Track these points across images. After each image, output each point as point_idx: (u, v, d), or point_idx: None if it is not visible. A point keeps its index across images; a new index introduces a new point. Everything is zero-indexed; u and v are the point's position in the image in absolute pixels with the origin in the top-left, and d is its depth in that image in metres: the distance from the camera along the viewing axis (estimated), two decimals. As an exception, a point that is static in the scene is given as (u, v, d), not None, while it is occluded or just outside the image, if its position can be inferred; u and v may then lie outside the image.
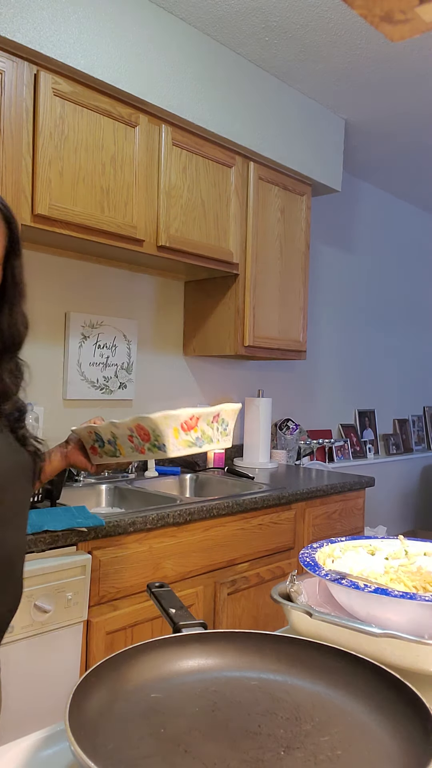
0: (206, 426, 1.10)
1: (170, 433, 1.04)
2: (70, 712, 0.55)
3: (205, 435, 1.10)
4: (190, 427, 1.07)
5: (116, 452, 1.14)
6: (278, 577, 2.26)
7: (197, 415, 1.08)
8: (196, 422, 1.07)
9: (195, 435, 1.07)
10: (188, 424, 1.07)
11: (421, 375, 4.55)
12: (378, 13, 0.59)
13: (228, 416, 1.15)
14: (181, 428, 1.06)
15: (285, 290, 2.75)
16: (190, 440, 1.07)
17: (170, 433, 1.04)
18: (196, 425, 1.07)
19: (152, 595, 0.82)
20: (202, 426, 1.09)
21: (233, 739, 0.56)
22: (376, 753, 0.55)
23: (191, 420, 1.07)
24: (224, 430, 1.14)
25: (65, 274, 2.33)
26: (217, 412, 1.11)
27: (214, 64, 2.35)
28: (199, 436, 1.08)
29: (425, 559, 0.96)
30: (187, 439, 1.06)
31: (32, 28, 1.79)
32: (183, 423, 1.06)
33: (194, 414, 1.07)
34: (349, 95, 2.76)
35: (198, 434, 1.08)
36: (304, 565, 0.86)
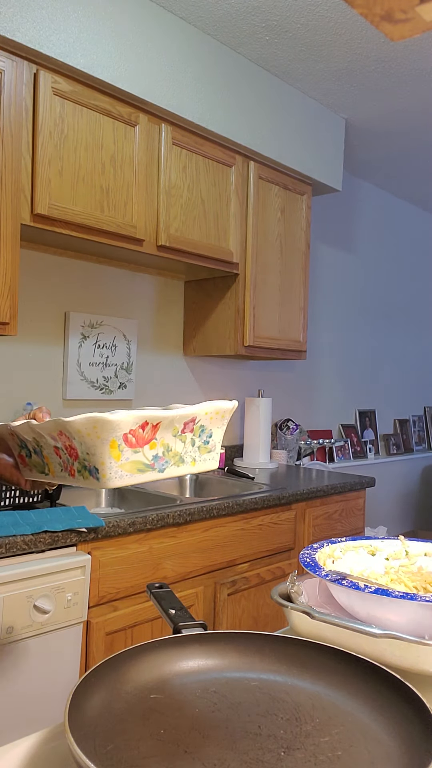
0: (172, 438, 0.72)
1: (105, 450, 0.68)
2: (69, 713, 0.54)
3: (171, 452, 0.73)
4: (142, 441, 0.70)
5: (44, 468, 0.80)
6: (278, 577, 2.26)
7: (154, 420, 0.70)
8: (152, 432, 0.70)
9: (152, 453, 0.71)
10: (137, 435, 0.69)
11: (422, 375, 4.54)
12: (378, 13, 0.59)
13: (212, 422, 0.76)
14: (124, 442, 0.69)
15: (285, 290, 2.75)
16: (142, 461, 0.70)
17: (105, 451, 0.68)
18: (153, 437, 0.70)
19: (152, 595, 0.81)
20: (164, 438, 0.72)
21: (233, 740, 0.56)
22: (376, 753, 0.55)
23: (143, 429, 0.69)
24: (204, 444, 0.76)
25: (65, 274, 2.33)
26: (191, 416, 0.73)
27: (214, 64, 2.35)
28: (159, 455, 0.72)
29: (426, 560, 0.96)
30: (138, 459, 0.70)
31: (32, 27, 1.79)
32: (128, 434, 0.69)
33: (148, 418, 0.69)
34: (349, 95, 2.76)
35: (157, 451, 0.71)
36: (304, 566, 0.86)
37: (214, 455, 0.78)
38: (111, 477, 0.69)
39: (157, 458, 0.72)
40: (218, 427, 0.78)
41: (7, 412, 2.17)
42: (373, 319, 4.03)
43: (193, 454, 0.76)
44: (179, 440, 0.74)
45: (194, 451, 0.76)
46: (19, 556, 1.53)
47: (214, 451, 0.78)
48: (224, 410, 0.77)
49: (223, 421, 0.78)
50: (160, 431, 0.71)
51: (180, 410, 0.72)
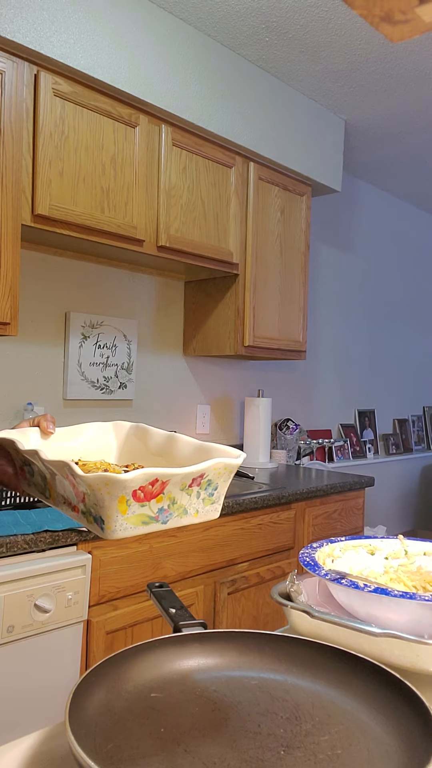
0: (179, 492, 0.72)
1: (113, 505, 0.68)
2: (70, 712, 0.55)
3: (176, 505, 0.73)
4: (150, 496, 0.70)
5: (45, 491, 0.81)
6: (278, 576, 2.26)
7: (165, 477, 0.69)
8: (161, 487, 0.70)
9: (157, 507, 0.71)
10: (146, 491, 0.69)
11: (421, 375, 4.55)
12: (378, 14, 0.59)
13: (219, 476, 0.75)
14: (133, 497, 0.69)
15: (285, 290, 2.75)
16: (147, 514, 0.71)
17: (113, 506, 0.68)
18: (161, 491, 0.70)
19: (152, 594, 0.82)
20: (171, 492, 0.71)
21: (233, 739, 0.56)
22: (375, 752, 0.55)
23: (153, 485, 0.69)
24: (209, 496, 0.76)
25: (65, 274, 2.34)
26: (200, 473, 0.72)
27: (215, 65, 2.35)
28: (165, 508, 0.72)
29: (425, 559, 0.96)
30: (144, 512, 0.70)
31: (32, 28, 1.79)
32: (137, 490, 0.68)
33: (159, 476, 0.69)
34: (349, 95, 2.76)
35: (163, 505, 0.71)
36: (303, 565, 0.86)
37: (217, 506, 0.78)
38: (115, 529, 0.69)
39: (162, 511, 0.72)
40: (224, 481, 0.77)
41: (8, 412, 2.17)
42: (372, 319, 4.03)
43: (197, 506, 0.75)
44: (185, 494, 0.73)
45: (198, 503, 0.75)
46: (19, 556, 1.54)
47: (217, 502, 0.77)
48: (232, 466, 0.76)
49: (229, 474, 0.76)
50: (169, 486, 0.71)
51: (191, 468, 0.71)
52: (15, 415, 2.19)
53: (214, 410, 2.95)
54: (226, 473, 0.76)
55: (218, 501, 0.77)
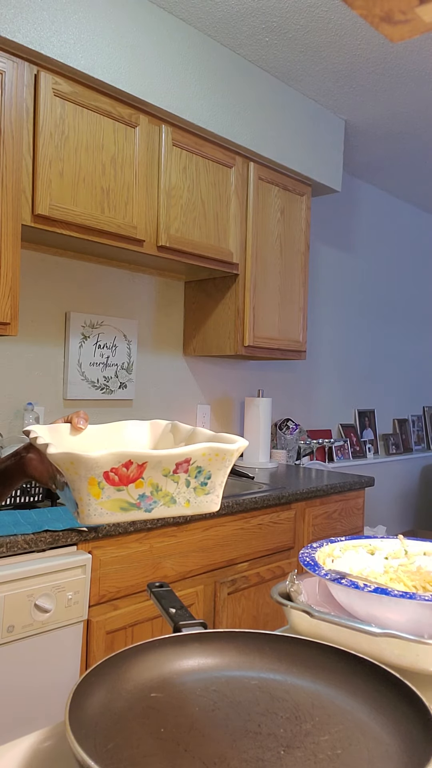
0: (162, 478, 0.67)
1: (83, 486, 0.64)
2: (70, 712, 0.55)
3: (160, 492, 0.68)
4: (127, 480, 0.65)
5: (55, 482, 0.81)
6: (278, 576, 2.26)
7: (139, 459, 0.64)
8: (138, 471, 0.65)
9: (137, 492, 0.66)
10: (120, 474, 0.65)
11: (421, 375, 4.55)
12: (378, 14, 0.59)
13: (211, 463, 0.70)
14: (105, 480, 0.65)
15: (285, 290, 2.75)
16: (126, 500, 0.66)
17: (83, 487, 0.65)
18: (138, 476, 0.65)
19: (152, 594, 0.82)
20: (152, 477, 0.66)
21: (233, 739, 0.56)
22: (375, 752, 0.55)
23: (126, 468, 0.64)
24: (201, 485, 0.70)
25: (65, 274, 2.34)
26: (184, 457, 0.67)
27: (215, 65, 2.35)
28: (147, 494, 0.67)
29: (425, 559, 0.96)
30: (121, 498, 0.66)
31: (32, 28, 1.79)
32: (109, 472, 0.64)
33: (133, 457, 0.64)
34: (349, 95, 2.76)
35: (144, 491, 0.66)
36: (303, 565, 0.86)
37: (213, 498, 0.72)
38: (89, 514, 0.66)
39: (144, 497, 0.67)
40: (219, 469, 0.71)
41: (8, 412, 2.17)
42: (372, 319, 4.03)
43: (187, 495, 0.70)
44: (171, 480, 0.68)
45: (189, 492, 0.70)
46: (19, 555, 1.54)
47: (212, 493, 0.71)
48: (225, 452, 0.70)
49: (223, 462, 0.71)
50: (148, 470, 0.66)
51: (171, 450, 0.67)
52: (15, 415, 2.19)
53: (214, 410, 2.95)
54: (218, 460, 0.70)
55: (213, 491, 0.72)
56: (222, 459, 0.70)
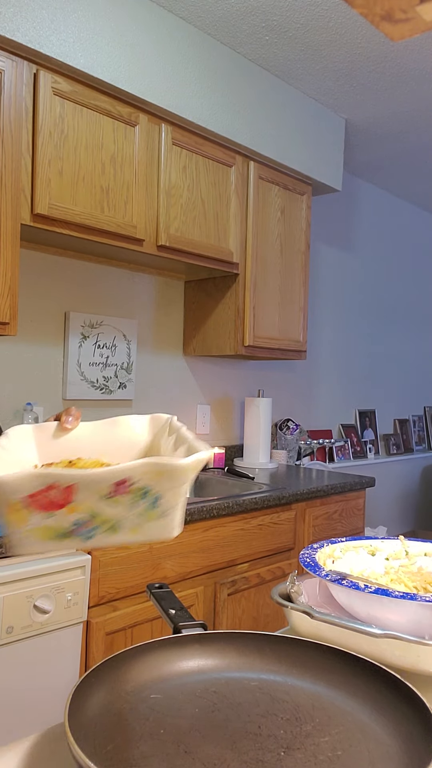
0: (97, 502, 0.57)
1: (4, 512, 0.56)
2: (69, 713, 0.54)
3: (98, 518, 0.58)
4: (54, 505, 0.56)
5: None
6: (278, 577, 2.26)
7: (64, 480, 0.55)
8: (66, 494, 0.55)
9: (72, 519, 0.57)
10: (46, 499, 0.55)
11: (422, 375, 4.55)
12: (378, 13, 0.59)
13: (159, 483, 0.58)
14: (30, 505, 0.55)
15: (285, 290, 2.75)
16: (61, 527, 0.57)
17: (4, 513, 0.56)
18: (69, 500, 0.56)
19: (152, 595, 0.81)
20: (87, 501, 0.56)
21: (233, 740, 0.56)
22: (376, 753, 0.55)
23: (49, 491, 0.55)
24: (151, 508, 0.59)
25: (65, 274, 2.33)
26: (121, 477, 0.56)
27: (215, 64, 2.35)
28: (84, 520, 0.57)
29: (426, 560, 0.96)
30: (53, 525, 0.57)
31: (32, 27, 1.79)
32: (33, 496, 0.55)
33: (57, 479, 0.55)
34: (349, 94, 2.76)
35: (80, 516, 0.57)
36: (304, 566, 0.86)
37: (169, 522, 0.60)
38: (17, 544, 0.58)
39: (80, 524, 0.58)
40: (170, 489, 0.59)
41: (8, 412, 2.17)
42: (373, 319, 4.03)
43: (134, 520, 0.59)
44: (109, 504, 0.57)
45: (136, 517, 0.59)
46: (19, 556, 1.54)
47: (167, 516, 0.60)
48: (173, 470, 0.57)
49: (174, 481, 0.58)
50: (79, 493, 0.56)
51: (103, 469, 0.57)
52: (15, 416, 2.19)
53: (214, 410, 2.95)
54: (166, 479, 0.58)
55: (169, 515, 0.60)
56: (171, 478, 0.58)
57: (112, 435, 0.83)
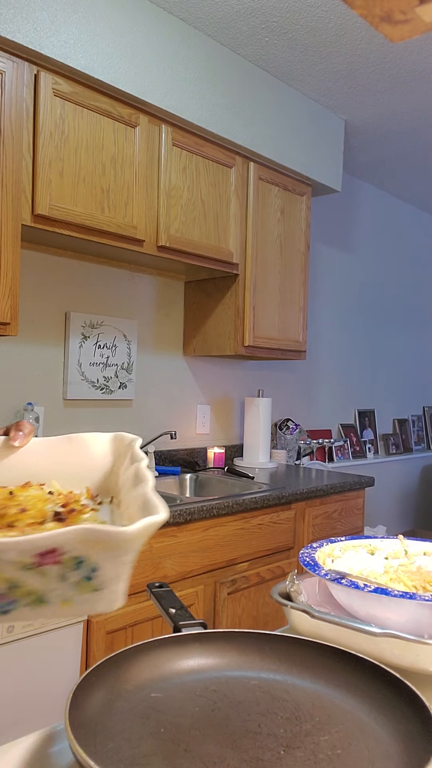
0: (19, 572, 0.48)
1: None
2: (70, 712, 0.55)
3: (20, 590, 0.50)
4: None
5: None
6: (278, 576, 2.26)
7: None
8: None
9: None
10: None
11: (421, 375, 4.55)
12: (378, 14, 0.59)
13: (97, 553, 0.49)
14: None
15: (285, 290, 2.75)
16: None
17: None
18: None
19: (152, 595, 0.82)
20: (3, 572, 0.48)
21: (233, 739, 0.56)
22: (376, 752, 0.55)
23: None
24: (85, 579, 0.50)
25: (65, 274, 2.34)
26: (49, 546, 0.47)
27: (215, 65, 2.35)
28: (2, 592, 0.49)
29: (425, 559, 0.96)
30: None
31: (32, 28, 1.79)
32: None
33: None
34: (349, 95, 2.76)
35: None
36: (303, 565, 0.86)
37: (107, 594, 0.51)
38: None
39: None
40: (110, 559, 0.49)
41: (8, 413, 2.17)
42: (372, 319, 4.03)
43: (63, 592, 0.50)
44: (35, 575, 0.48)
45: (66, 588, 0.50)
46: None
47: (105, 589, 0.51)
48: (113, 539, 0.48)
49: (115, 552, 0.49)
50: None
51: (25, 538, 0.46)
52: (15, 416, 2.19)
53: (214, 410, 2.95)
54: (105, 549, 0.48)
55: (107, 587, 0.51)
56: (111, 548, 0.48)
57: (68, 454, 0.75)
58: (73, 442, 0.75)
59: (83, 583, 0.50)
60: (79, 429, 2.37)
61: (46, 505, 0.62)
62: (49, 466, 0.73)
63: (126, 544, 0.49)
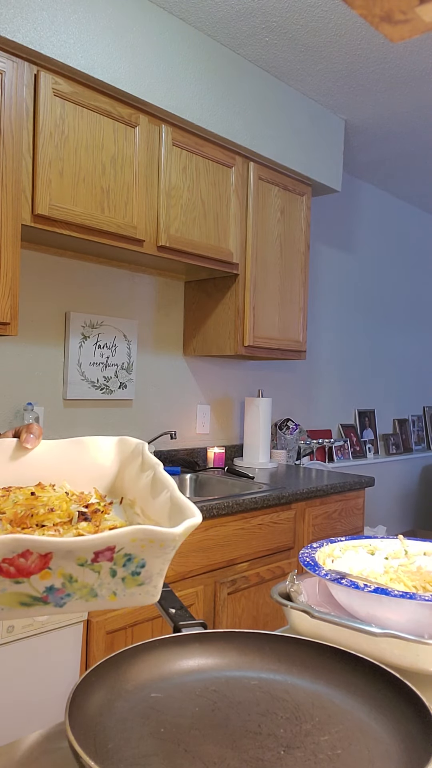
0: (76, 568, 0.53)
1: None
2: (70, 712, 0.55)
3: (76, 584, 0.54)
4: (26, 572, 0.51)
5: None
6: (278, 576, 2.26)
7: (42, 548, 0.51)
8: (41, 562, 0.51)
9: (43, 585, 0.53)
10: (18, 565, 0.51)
11: (421, 375, 4.55)
12: (378, 14, 0.59)
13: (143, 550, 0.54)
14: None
15: (285, 290, 2.75)
16: (28, 593, 0.53)
17: None
18: (44, 566, 0.52)
19: (152, 594, 0.81)
20: (63, 567, 0.52)
21: (233, 739, 0.56)
22: (376, 752, 0.55)
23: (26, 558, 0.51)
24: (133, 575, 0.55)
25: (65, 274, 2.34)
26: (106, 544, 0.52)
27: (215, 65, 2.35)
28: (57, 586, 0.53)
29: (425, 559, 0.96)
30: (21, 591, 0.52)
31: (32, 28, 1.79)
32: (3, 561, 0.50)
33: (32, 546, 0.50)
34: (349, 95, 2.76)
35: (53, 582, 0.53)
36: (303, 565, 0.86)
37: (149, 588, 0.57)
38: None
39: (53, 590, 0.53)
40: (157, 556, 0.55)
41: (8, 412, 2.17)
42: (372, 320, 4.03)
43: (112, 586, 0.55)
44: (90, 570, 0.53)
45: (115, 583, 0.55)
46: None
47: (148, 583, 0.56)
48: (162, 538, 0.53)
49: (162, 549, 0.55)
50: (57, 560, 0.52)
51: (88, 537, 0.51)
52: (15, 416, 2.19)
53: (214, 410, 2.95)
54: (153, 547, 0.54)
55: (149, 582, 0.56)
56: (160, 546, 0.54)
57: (76, 457, 0.78)
58: (80, 445, 0.79)
59: (130, 579, 0.56)
60: (79, 429, 2.37)
61: (71, 505, 0.67)
62: (57, 468, 0.76)
63: (173, 542, 0.55)
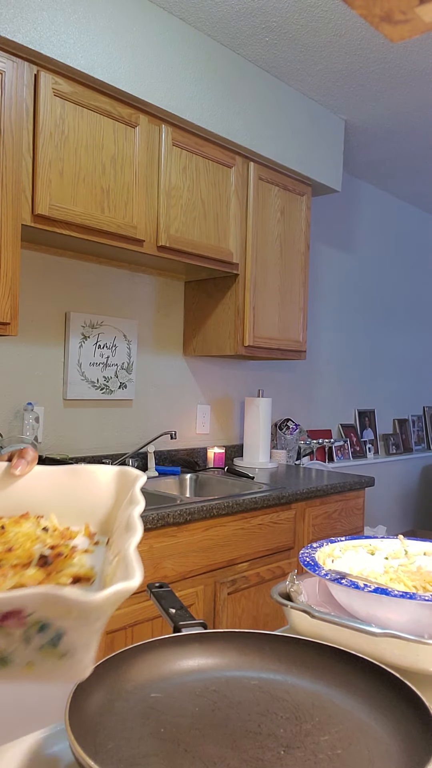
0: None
1: None
2: (70, 712, 0.55)
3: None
4: None
5: None
6: (278, 576, 2.26)
7: None
8: None
9: None
10: None
11: (421, 375, 4.55)
12: (378, 14, 0.59)
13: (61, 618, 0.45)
14: None
15: (285, 290, 2.75)
16: None
17: None
18: None
19: (152, 595, 0.82)
20: None
21: (233, 739, 0.56)
22: (375, 752, 0.55)
23: None
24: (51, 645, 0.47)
25: (65, 274, 2.34)
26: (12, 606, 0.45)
27: (215, 65, 2.35)
28: None
29: (425, 559, 0.96)
30: None
31: (32, 28, 1.79)
32: None
33: None
34: (349, 95, 2.76)
35: None
36: (303, 565, 0.86)
37: (75, 663, 0.48)
38: None
39: None
40: (79, 627, 0.46)
41: (8, 412, 2.17)
42: (372, 319, 4.03)
43: (28, 655, 0.47)
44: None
45: (30, 652, 0.47)
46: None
47: (72, 657, 0.47)
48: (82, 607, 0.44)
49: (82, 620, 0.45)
50: None
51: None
52: (15, 416, 2.19)
53: (214, 410, 2.95)
54: (71, 616, 0.45)
55: (73, 655, 0.47)
56: (79, 615, 0.44)
57: (71, 486, 0.71)
58: (77, 473, 0.72)
59: (48, 649, 0.47)
60: (79, 429, 2.37)
61: (35, 545, 0.60)
62: (49, 498, 0.70)
63: (93, 612, 0.45)
